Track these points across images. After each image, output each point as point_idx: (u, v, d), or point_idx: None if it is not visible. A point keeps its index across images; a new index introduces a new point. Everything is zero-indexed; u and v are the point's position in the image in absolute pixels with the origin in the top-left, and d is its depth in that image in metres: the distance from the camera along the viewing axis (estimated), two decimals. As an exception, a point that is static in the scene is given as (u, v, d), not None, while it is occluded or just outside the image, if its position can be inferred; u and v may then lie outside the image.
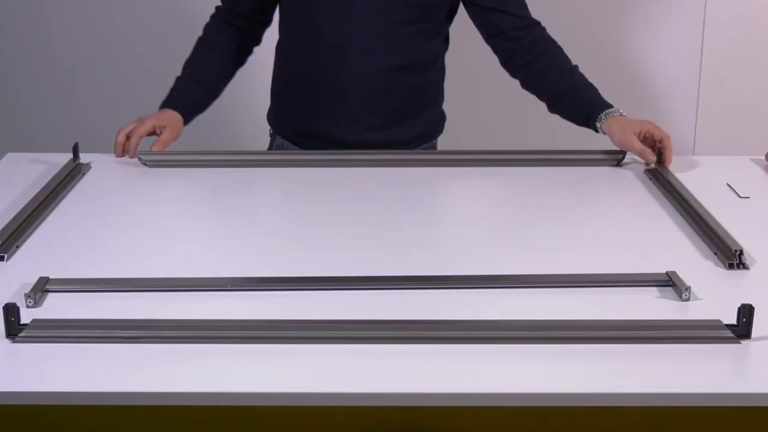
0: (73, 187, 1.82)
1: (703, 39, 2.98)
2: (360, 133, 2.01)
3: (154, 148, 1.96)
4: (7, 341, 1.26)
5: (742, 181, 1.85)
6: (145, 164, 1.95)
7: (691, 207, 1.67)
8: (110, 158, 1.98)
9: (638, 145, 1.90)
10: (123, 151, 1.96)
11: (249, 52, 2.14)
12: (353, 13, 1.96)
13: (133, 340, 1.26)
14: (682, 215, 1.68)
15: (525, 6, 2.08)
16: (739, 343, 1.25)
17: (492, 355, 1.23)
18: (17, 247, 1.54)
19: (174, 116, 2.02)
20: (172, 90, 2.07)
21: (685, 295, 1.37)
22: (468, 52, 2.45)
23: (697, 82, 3.01)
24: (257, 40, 2.14)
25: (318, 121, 2.04)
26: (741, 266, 1.48)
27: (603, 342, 1.25)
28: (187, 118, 2.05)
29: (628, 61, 2.98)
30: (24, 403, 1.16)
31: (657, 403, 1.16)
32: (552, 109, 2.06)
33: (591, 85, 2.04)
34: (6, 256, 1.50)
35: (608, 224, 1.69)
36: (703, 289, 1.39)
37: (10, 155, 2.05)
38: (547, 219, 1.70)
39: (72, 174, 1.86)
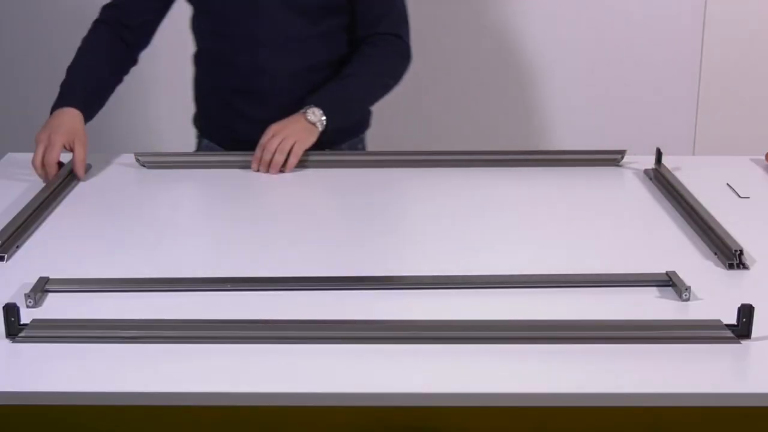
0: (73, 187, 1.82)
1: (703, 39, 2.98)
2: None
3: (77, 171, 1.85)
4: (7, 341, 1.26)
5: (742, 181, 1.85)
6: (143, 165, 1.95)
7: (691, 207, 1.67)
8: (110, 158, 1.98)
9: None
10: (48, 177, 1.84)
11: (127, 72, 2.09)
12: (263, 19, 1.98)
13: (133, 340, 1.26)
14: (682, 215, 1.68)
15: (381, 21, 2.05)
16: (739, 343, 1.25)
17: (492, 355, 1.23)
18: (17, 247, 1.54)
19: (76, 125, 1.89)
20: (67, 89, 1.96)
21: (685, 295, 1.37)
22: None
23: (697, 82, 3.01)
24: (136, 60, 2.10)
25: (242, 127, 2.07)
26: (741, 266, 1.48)
27: (603, 342, 1.25)
28: (88, 116, 1.94)
29: (628, 61, 2.98)
30: (24, 403, 1.16)
31: (657, 403, 1.16)
32: None
33: (332, 85, 2.02)
34: (6, 256, 1.50)
35: (608, 224, 1.68)
36: (703, 289, 1.39)
37: (10, 155, 2.05)
38: (547, 219, 1.70)
39: (72, 174, 1.85)
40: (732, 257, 1.48)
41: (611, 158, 1.96)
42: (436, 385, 1.17)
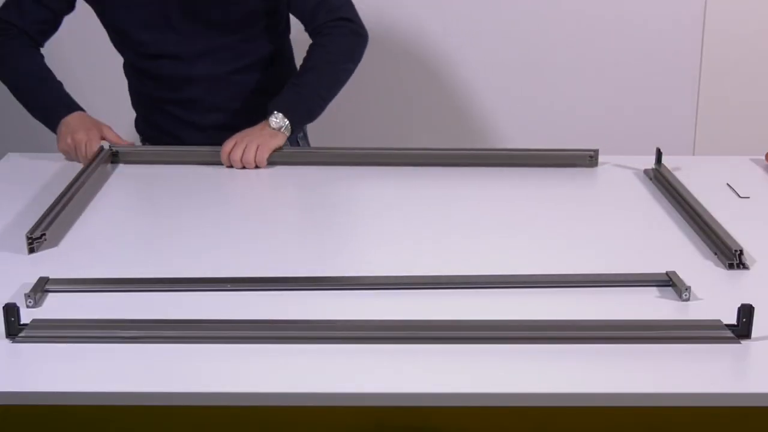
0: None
1: (703, 39, 2.98)
2: (221, 137, 1.97)
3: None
4: (7, 341, 1.26)
5: (742, 181, 1.85)
6: (118, 160, 1.98)
7: (691, 207, 1.67)
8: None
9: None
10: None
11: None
12: (175, 35, 2.00)
13: (133, 340, 1.26)
14: (682, 215, 1.68)
15: (317, 9, 2.05)
16: (739, 343, 1.25)
17: (492, 355, 1.23)
18: (43, 236, 1.55)
19: (94, 120, 2.01)
20: (62, 97, 2.04)
21: (685, 295, 1.37)
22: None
23: (697, 82, 3.01)
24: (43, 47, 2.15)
25: (184, 132, 2.10)
26: (741, 266, 1.48)
27: (603, 342, 1.25)
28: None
29: (628, 61, 2.98)
30: (24, 403, 1.16)
31: (657, 403, 1.16)
32: None
33: (289, 89, 2.02)
34: (34, 248, 1.53)
35: (608, 224, 1.68)
36: (703, 289, 1.39)
37: (10, 155, 2.05)
38: (547, 219, 1.70)
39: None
40: (732, 257, 1.48)
41: (584, 155, 1.96)
42: (436, 385, 1.17)
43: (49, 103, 2.03)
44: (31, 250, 1.53)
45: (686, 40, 2.98)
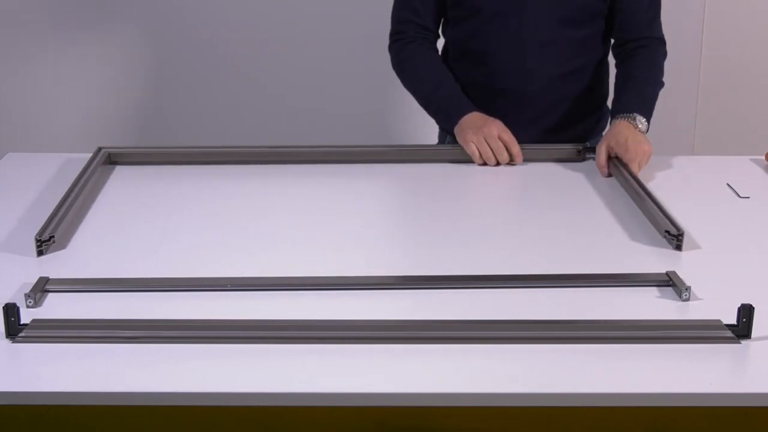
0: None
1: (702, 39, 2.98)
2: (535, 136, 2.02)
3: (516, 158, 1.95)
4: (7, 341, 1.26)
5: (742, 181, 1.85)
6: (114, 162, 1.96)
7: (636, 192, 1.72)
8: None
9: (600, 158, 1.91)
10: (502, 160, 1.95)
11: None
12: (530, 21, 1.99)
13: (133, 340, 1.26)
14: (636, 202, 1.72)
15: (653, 23, 2.09)
16: (739, 343, 1.25)
17: (492, 355, 1.23)
18: (52, 239, 1.55)
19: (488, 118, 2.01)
20: (457, 98, 2.04)
21: (685, 295, 1.37)
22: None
23: (697, 82, 3.01)
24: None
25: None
26: (677, 243, 1.52)
27: (603, 342, 1.25)
28: None
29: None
30: (24, 403, 1.16)
31: (657, 403, 1.16)
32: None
33: (641, 90, 2.03)
34: (44, 250, 1.52)
35: (603, 222, 1.69)
36: (703, 289, 1.39)
37: (10, 155, 2.05)
38: (546, 218, 1.70)
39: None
40: (676, 238, 1.53)
41: (572, 150, 1.99)
42: (436, 385, 1.17)
43: (443, 106, 2.05)
44: (40, 253, 1.52)
45: (686, 40, 2.98)
